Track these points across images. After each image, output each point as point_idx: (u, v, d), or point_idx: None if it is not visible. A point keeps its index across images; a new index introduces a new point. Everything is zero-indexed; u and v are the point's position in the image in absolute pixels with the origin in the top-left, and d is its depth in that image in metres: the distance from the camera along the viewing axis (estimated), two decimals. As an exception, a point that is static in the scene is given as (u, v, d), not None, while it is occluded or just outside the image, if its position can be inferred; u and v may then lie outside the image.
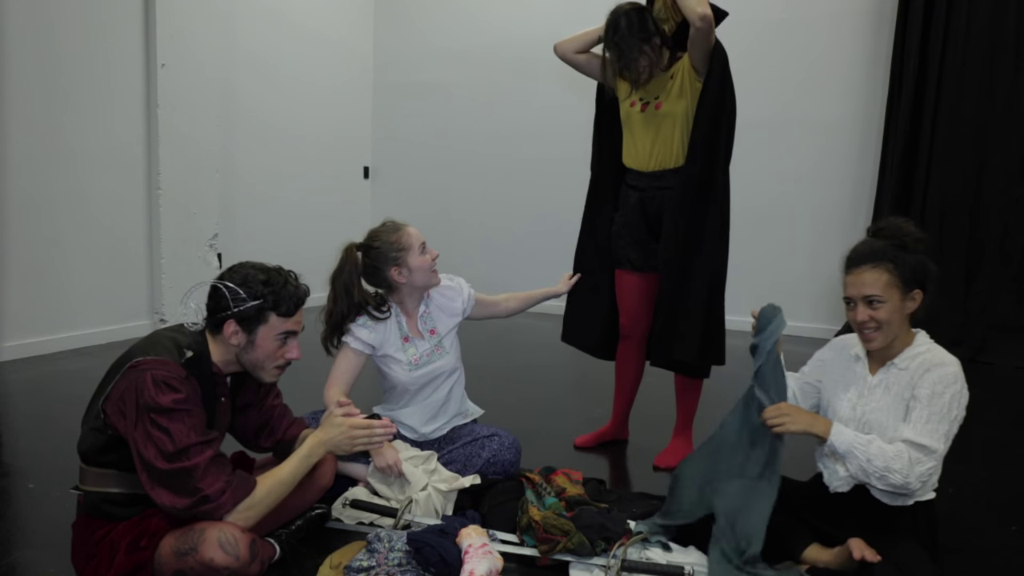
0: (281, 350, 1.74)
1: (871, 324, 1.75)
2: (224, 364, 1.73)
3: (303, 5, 6.03)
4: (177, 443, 1.51)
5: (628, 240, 2.68)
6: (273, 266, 1.74)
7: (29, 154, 4.02)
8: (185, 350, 1.63)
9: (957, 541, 2.05)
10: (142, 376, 1.54)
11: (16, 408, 3.28)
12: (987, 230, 4.81)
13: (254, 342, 1.70)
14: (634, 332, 2.75)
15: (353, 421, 1.76)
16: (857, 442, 1.67)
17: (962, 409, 1.70)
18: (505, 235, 6.41)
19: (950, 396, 1.67)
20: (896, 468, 1.63)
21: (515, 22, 6.28)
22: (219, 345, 1.71)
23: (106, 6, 4.38)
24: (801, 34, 5.29)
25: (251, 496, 1.59)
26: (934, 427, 1.66)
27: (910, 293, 1.75)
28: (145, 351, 1.60)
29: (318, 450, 1.73)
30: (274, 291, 1.69)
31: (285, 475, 1.67)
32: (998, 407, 3.69)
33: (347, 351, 2.27)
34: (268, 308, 1.68)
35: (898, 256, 1.75)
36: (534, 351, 4.67)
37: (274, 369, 1.76)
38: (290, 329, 1.73)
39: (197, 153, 4.95)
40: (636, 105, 2.60)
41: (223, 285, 1.67)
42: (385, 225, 2.30)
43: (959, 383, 1.69)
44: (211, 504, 1.54)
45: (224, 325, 1.67)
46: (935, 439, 1.66)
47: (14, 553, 1.89)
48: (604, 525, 1.88)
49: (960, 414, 1.70)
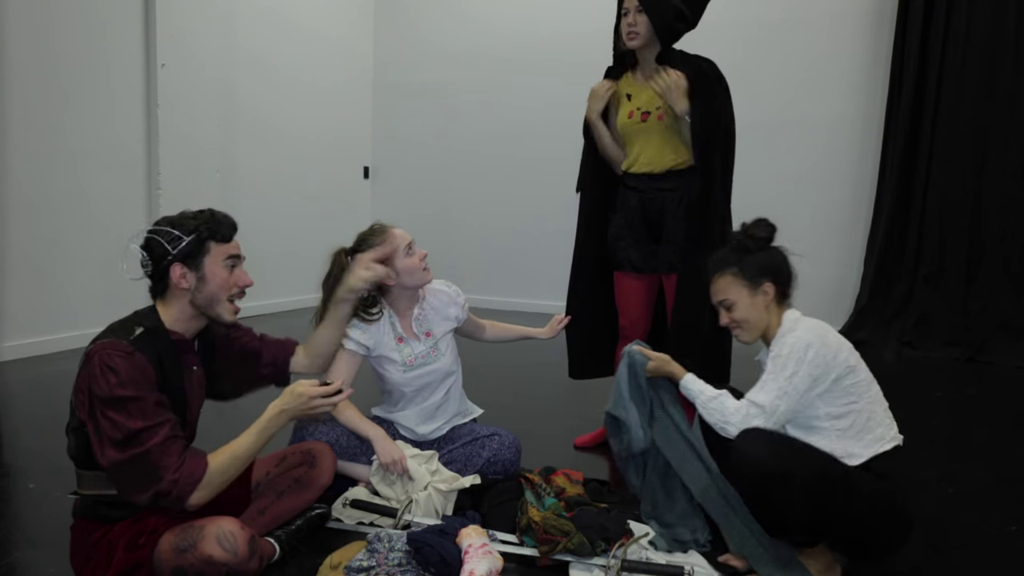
0: (232, 277, 1.73)
1: (733, 325, 1.93)
2: (184, 326, 1.71)
3: (303, 5, 6.03)
4: (125, 429, 1.49)
5: (629, 241, 2.67)
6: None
7: (29, 154, 4.03)
8: (135, 327, 1.61)
9: (957, 541, 2.05)
10: (91, 364, 1.53)
11: (16, 408, 3.28)
12: (987, 230, 4.81)
13: (203, 276, 1.68)
14: (634, 334, 2.74)
15: (313, 390, 1.70)
16: (703, 395, 1.89)
17: (807, 365, 1.76)
18: (505, 235, 6.41)
19: (786, 355, 1.78)
20: (733, 422, 1.80)
21: (515, 22, 6.29)
22: (171, 307, 1.69)
23: (106, 6, 4.38)
24: (801, 34, 5.29)
25: (206, 475, 1.55)
26: (769, 385, 1.79)
27: (759, 288, 1.89)
28: (95, 339, 1.60)
29: (278, 419, 1.67)
30: (206, 222, 1.69)
31: (242, 450, 1.62)
32: (998, 407, 3.69)
33: (342, 353, 2.27)
34: (206, 237, 1.68)
35: (742, 259, 1.92)
36: (534, 351, 4.67)
37: (229, 303, 1.74)
38: (233, 253, 1.74)
39: (197, 153, 4.96)
40: (635, 115, 2.60)
41: (155, 233, 1.66)
42: (372, 228, 2.30)
43: (802, 345, 1.78)
44: (167, 497, 1.52)
45: (170, 272, 1.66)
46: (765, 394, 1.78)
47: (14, 553, 1.89)
48: (604, 525, 1.88)
49: (801, 370, 1.76)
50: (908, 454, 2.82)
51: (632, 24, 2.52)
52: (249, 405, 1.95)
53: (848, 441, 1.77)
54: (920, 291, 4.96)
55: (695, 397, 1.90)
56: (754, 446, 1.72)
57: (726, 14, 4.97)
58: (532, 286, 6.17)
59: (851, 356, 1.81)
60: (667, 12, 2.48)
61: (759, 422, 1.77)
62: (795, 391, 1.76)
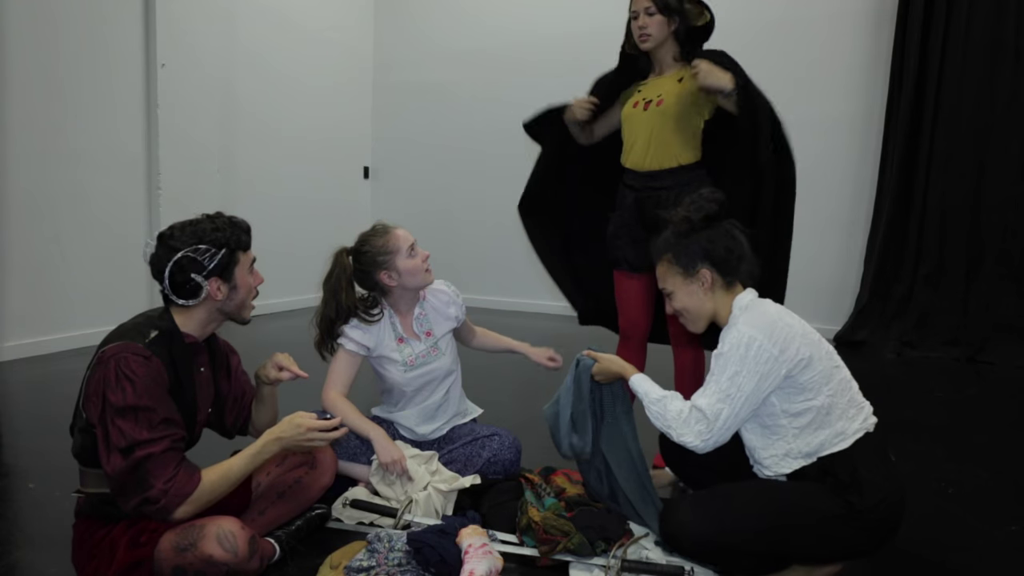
0: (253, 280, 1.78)
1: (677, 314, 1.84)
2: (201, 330, 1.74)
3: (303, 5, 6.03)
4: (130, 438, 1.50)
5: (626, 240, 2.67)
6: (198, 216, 1.73)
7: (29, 154, 4.03)
8: (150, 331, 1.62)
9: (957, 541, 2.05)
10: (107, 368, 1.54)
11: (16, 408, 3.28)
12: (987, 230, 4.81)
13: (236, 286, 1.72)
14: (634, 333, 2.74)
15: (312, 423, 1.72)
16: (648, 397, 1.79)
17: (751, 363, 1.64)
18: (505, 235, 6.40)
19: (727, 353, 1.67)
20: (674, 427, 1.71)
21: (515, 22, 6.28)
22: (194, 314, 1.70)
23: (106, 6, 4.38)
24: (801, 34, 5.29)
25: (196, 492, 1.57)
26: (713, 388, 1.68)
27: (695, 274, 1.78)
28: (109, 340, 1.60)
29: (272, 446, 1.69)
30: (229, 232, 1.70)
31: (234, 472, 1.64)
32: (998, 407, 3.69)
33: (342, 353, 2.27)
34: (235, 248, 1.71)
35: (678, 242, 1.79)
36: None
37: (251, 303, 1.80)
38: (253, 257, 1.79)
39: (197, 153, 4.96)
40: (639, 105, 2.59)
41: (186, 255, 1.64)
42: (375, 228, 2.30)
43: (743, 341, 1.66)
44: (153, 506, 1.53)
45: (207, 287, 1.67)
46: (706, 398, 1.68)
47: (14, 553, 1.89)
48: (604, 525, 1.88)
49: (744, 369, 1.65)
50: (908, 454, 2.82)
51: (643, 27, 2.50)
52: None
53: (808, 437, 1.68)
54: (920, 291, 4.96)
55: (642, 398, 1.82)
56: (681, 527, 1.68)
57: (726, 14, 4.96)
58: (532, 286, 6.17)
59: (804, 347, 1.67)
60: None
61: (701, 428, 1.68)
62: (739, 393, 1.65)
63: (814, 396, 1.67)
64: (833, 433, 1.67)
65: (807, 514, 1.61)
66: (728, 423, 1.67)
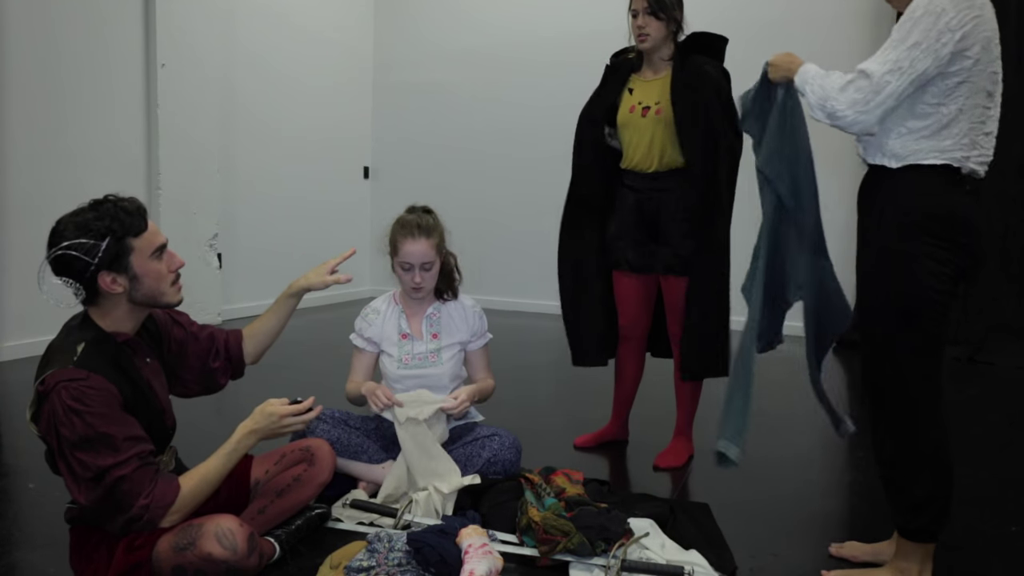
0: (165, 266, 1.64)
1: None
2: (127, 324, 1.64)
3: (303, 5, 6.03)
4: (95, 468, 1.48)
5: (627, 241, 2.67)
6: (86, 203, 1.57)
7: (29, 154, 4.03)
8: (76, 346, 1.55)
9: (957, 541, 2.05)
10: (52, 403, 1.50)
11: (16, 408, 3.28)
12: (987, 230, 4.81)
13: (136, 275, 1.58)
14: (633, 333, 2.75)
15: (284, 410, 1.69)
16: (809, 73, 1.70)
17: (933, 32, 1.53)
18: (505, 235, 6.41)
19: (918, 17, 1.54)
20: (831, 97, 1.62)
21: (515, 22, 6.28)
22: (108, 311, 1.61)
23: (106, 6, 4.38)
24: (801, 34, 5.28)
25: (177, 500, 1.56)
26: (886, 55, 1.57)
27: None
28: (42, 366, 1.56)
29: (247, 440, 1.67)
30: (114, 218, 1.54)
31: (212, 473, 1.63)
32: (998, 407, 3.69)
33: (354, 350, 2.37)
34: (122, 236, 1.54)
35: None
36: (534, 351, 4.68)
37: (171, 288, 1.66)
38: (158, 244, 1.61)
39: (197, 153, 4.95)
40: (636, 110, 2.60)
41: (66, 249, 1.50)
42: (405, 225, 2.36)
43: (936, 8, 1.54)
44: (139, 523, 1.53)
45: (97, 282, 1.54)
46: (877, 64, 1.57)
47: (14, 553, 1.89)
48: (604, 525, 1.88)
49: (925, 42, 1.53)
50: (908, 454, 2.77)
51: (642, 26, 2.52)
52: (246, 401, 1.95)
53: (920, 142, 1.61)
54: (920, 291, 4.96)
55: (804, 78, 1.70)
56: None
57: (726, 14, 4.97)
58: (532, 286, 6.16)
59: (976, 46, 1.59)
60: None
61: (862, 96, 1.55)
62: (912, 69, 1.52)
63: (944, 104, 1.62)
64: (937, 148, 1.64)
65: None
66: (889, 102, 1.57)
